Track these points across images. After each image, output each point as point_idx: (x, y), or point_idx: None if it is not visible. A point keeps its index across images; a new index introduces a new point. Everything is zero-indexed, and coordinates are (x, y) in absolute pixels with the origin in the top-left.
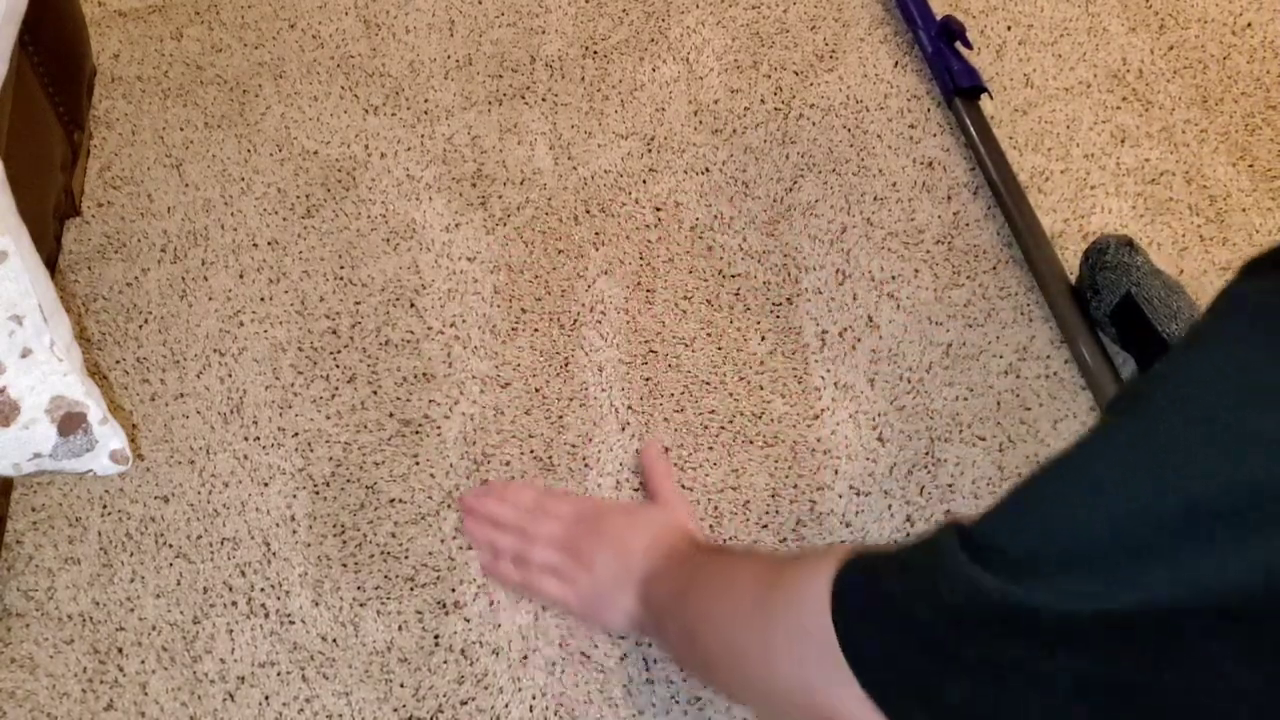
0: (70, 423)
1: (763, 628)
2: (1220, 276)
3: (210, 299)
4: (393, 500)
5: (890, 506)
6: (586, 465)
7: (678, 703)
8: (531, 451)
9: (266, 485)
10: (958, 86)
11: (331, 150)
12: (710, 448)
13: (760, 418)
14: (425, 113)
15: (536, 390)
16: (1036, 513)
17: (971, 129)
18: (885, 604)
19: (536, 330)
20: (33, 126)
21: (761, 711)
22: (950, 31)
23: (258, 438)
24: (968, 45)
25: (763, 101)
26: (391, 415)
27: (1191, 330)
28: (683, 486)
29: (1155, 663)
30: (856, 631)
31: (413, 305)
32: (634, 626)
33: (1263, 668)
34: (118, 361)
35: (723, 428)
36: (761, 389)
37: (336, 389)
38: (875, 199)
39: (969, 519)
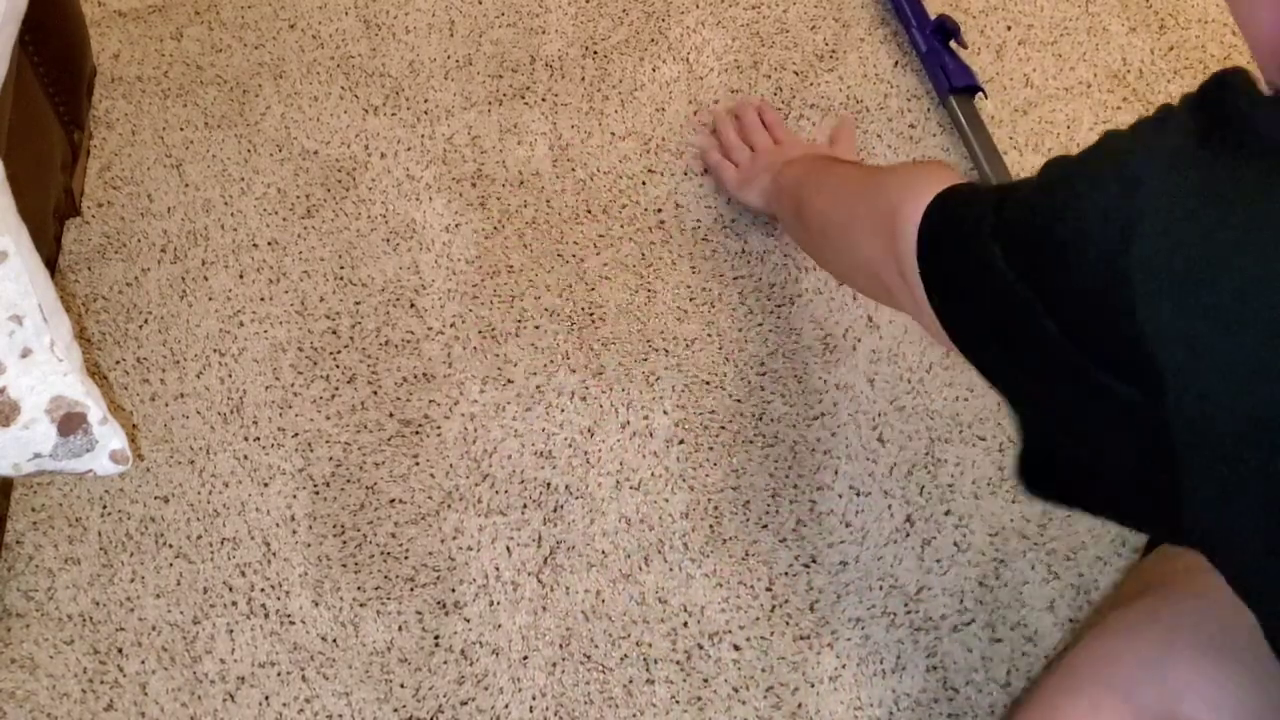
0: (70, 423)
1: (851, 209)
2: None
3: (210, 299)
4: (393, 500)
5: (890, 506)
6: (588, 463)
7: (678, 703)
8: (533, 450)
9: (266, 485)
10: (952, 86)
11: (331, 150)
12: (710, 448)
13: (760, 418)
14: (425, 113)
15: (537, 389)
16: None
17: (967, 128)
18: (948, 240)
19: (536, 330)
20: (33, 126)
21: (841, 276)
22: (945, 30)
23: (258, 438)
24: (962, 44)
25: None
26: (391, 415)
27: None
28: (684, 485)
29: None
30: (928, 253)
31: (413, 305)
32: (763, 201)
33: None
34: (118, 361)
35: (723, 428)
36: (762, 389)
37: (336, 389)
38: None
39: (1020, 193)
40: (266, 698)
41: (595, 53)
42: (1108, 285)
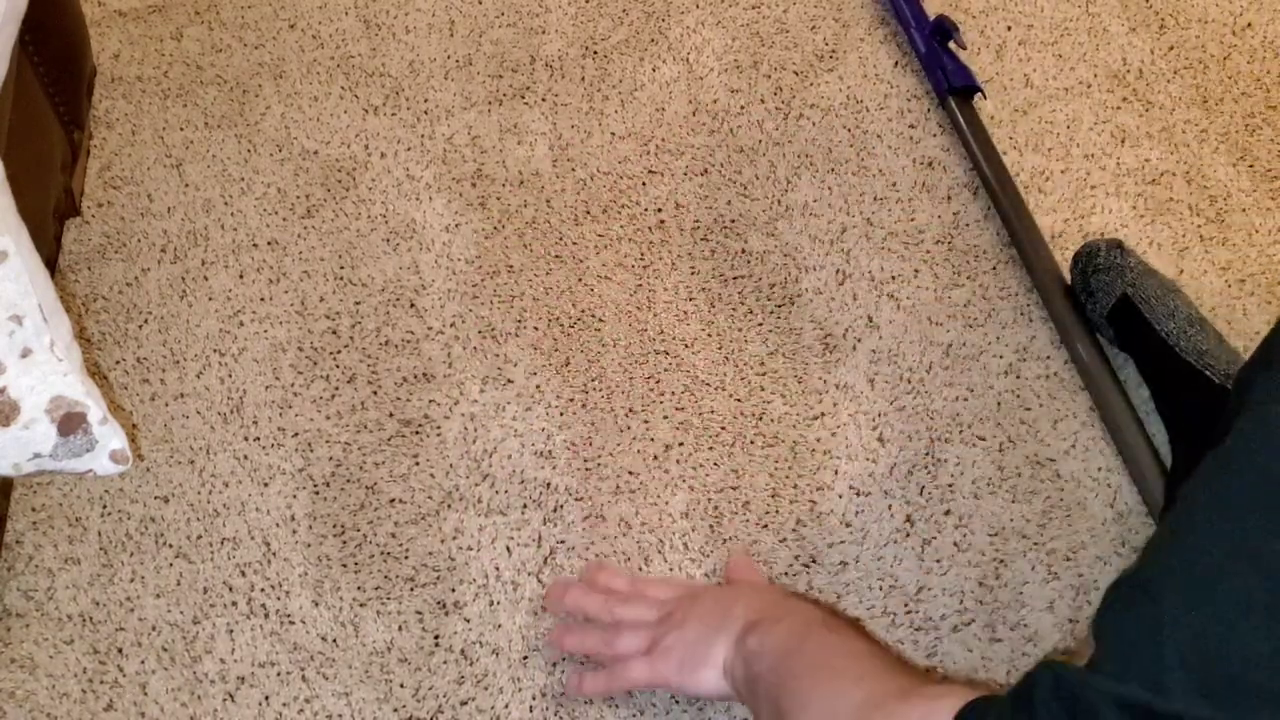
0: (70, 423)
1: None
2: (1220, 276)
3: (210, 299)
4: (393, 500)
5: (890, 506)
6: (586, 466)
7: (677, 703)
8: (534, 450)
9: (266, 485)
10: (951, 86)
11: (331, 150)
12: (710, 448)
13: (761, 418)
14: (425, 113)
15: (537, 389)
16: (1143, 654)
17: (966, 128)
18: None
19: (536, 330)
20: (33, 126)
21: None
22: (944, 31)
23: (258, 438)
24: (961, 45)
25: (762, 101)
26: (391, 415)
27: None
28: (684, 486)
29: None
30: None
31: (413, 305)
32: (728, 680)
33: None
34: (118, 361)
35: (723, 428)
36: (762, 389)
37: (336, 389)
38: (875, 199)
39: (1069, 666)
40: (266, 698)
41: (595, 53)
42: None
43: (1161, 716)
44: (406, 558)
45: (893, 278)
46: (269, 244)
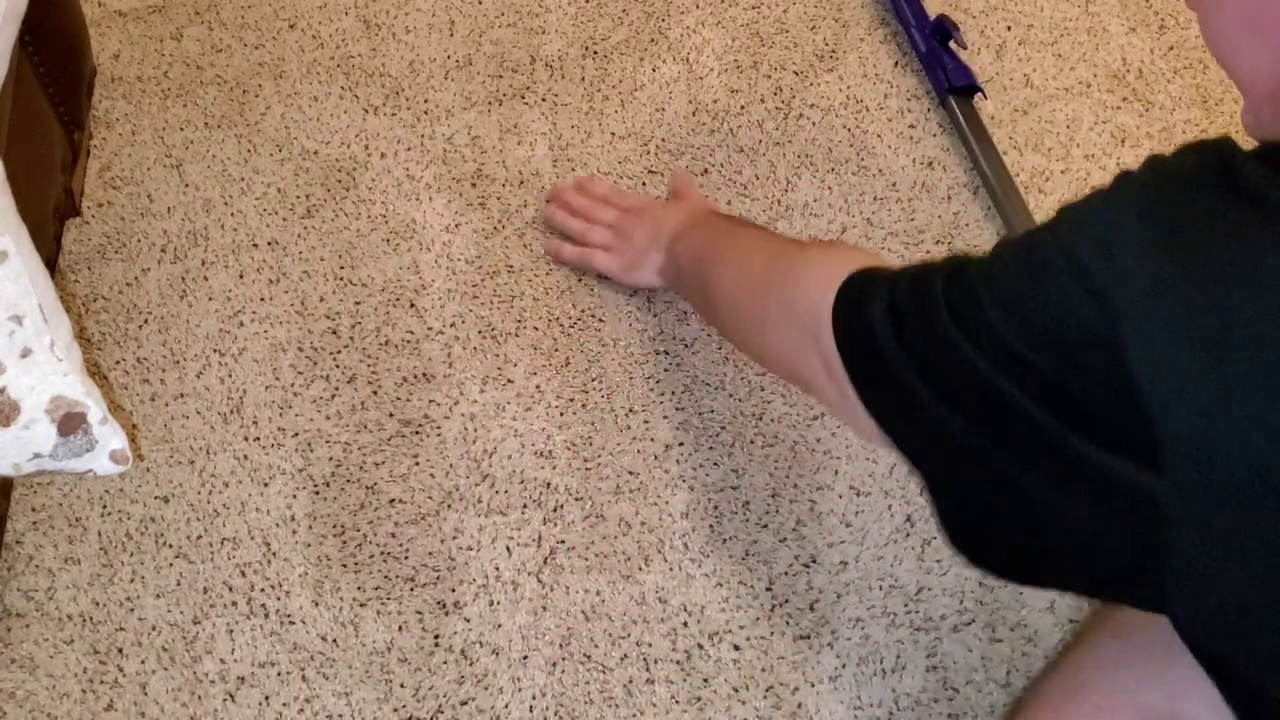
0: (70, 423)
1: (762, 297)
2: None
3: (210, 299)
4: (393, 500)
5: (890, 506)
6: (587, 466)
7: (678, 702)
8: (534, 450)
9: (266, 485)
10: (951, 86)
11: (331, 150)
12: (710, 448)
13: (761, 418)
14: (425, 113)
15: (537, 389)
16: (985, 312)
17: (966, 128)
18: (885, 319)
19: (536, 330)
20: (33, 126)
21: (754, 358)
22: (944, 30)
23: (258, 438)
24: (962, 44)
25: (762, 101)
26: (391, 415)
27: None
28: (684, 485)
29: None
30: (848, 335)
31: (413, 305)
32: (662, 279)
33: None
34: (118, 361)
35: (723, 428)
36: (762, 389)
37: (336, 389)
38: (875, 199)
39: (962, 270)
40: (266, 698)
41: (595, 53)
42: (1099, 351)
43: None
44: (406, 558)
45: None
46: (269, 244)
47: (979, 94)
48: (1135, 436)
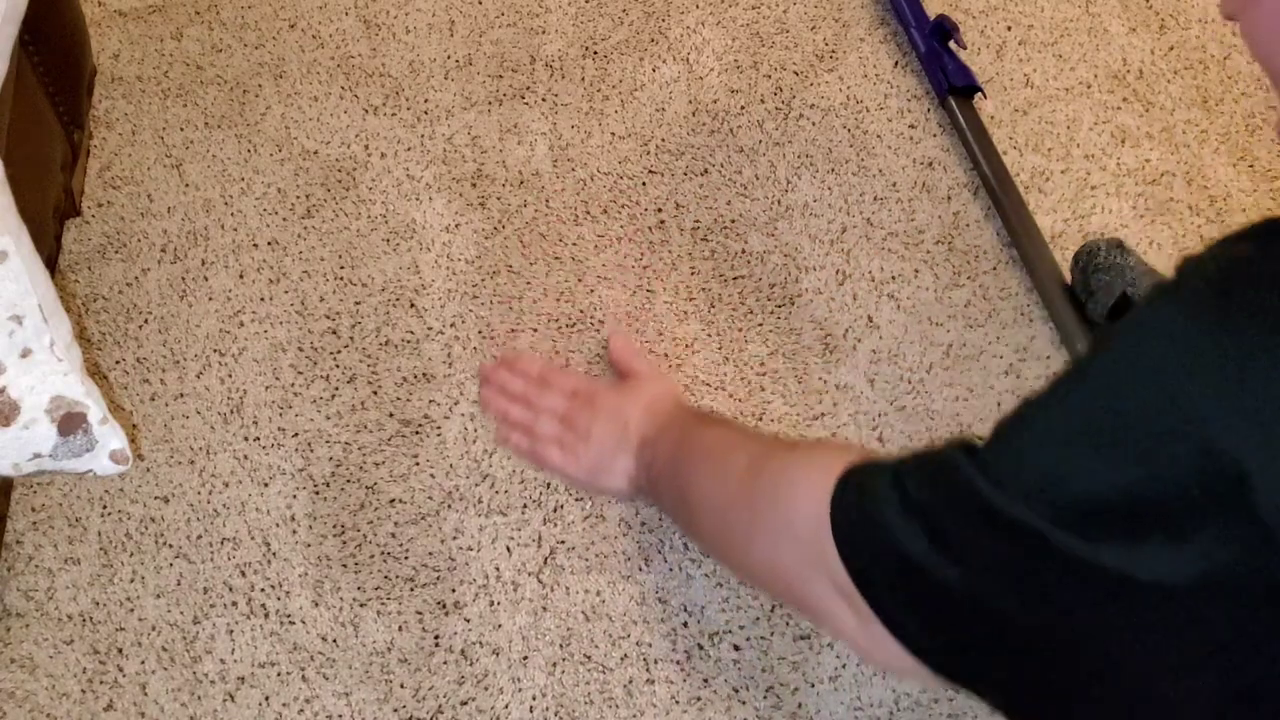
0: (70, 423)
1: (749, 511)
2: None
3: (210, 299)
4: (393, 500)
5: None
6: None
7: (678, 703)
8: None
9: (266, 485)
10: (951, 85)
11: (331, 150)
12: None
13: (761, 418)
14: (425, 113)
15: None
16: (1032, 460)
17: (965, 128)
18: (888, 521)
19: (536, 331)
20: (33, 126)
21: (750, 582)
22: (943, 30)
23: (258, 438)
24: (961, 44)
25: (762, 101)
26: (391, 415)
27: (1150, 293)
28: None
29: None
30: (856, 546)
31: (413, 305)
32: (633, 489)
33: (1175, 641)
34: (118, 361)
35: None
36: (762, 390)
37: (336, 389)
38: (875, 199)
39: (974, 441)
40: (266, 698)
41: (595, 53)
42: (1180, 448)
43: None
44: (406, 558)
45: (893, 278)
46: (269, 244)
47: (979, 94)
48: (1230, 527)
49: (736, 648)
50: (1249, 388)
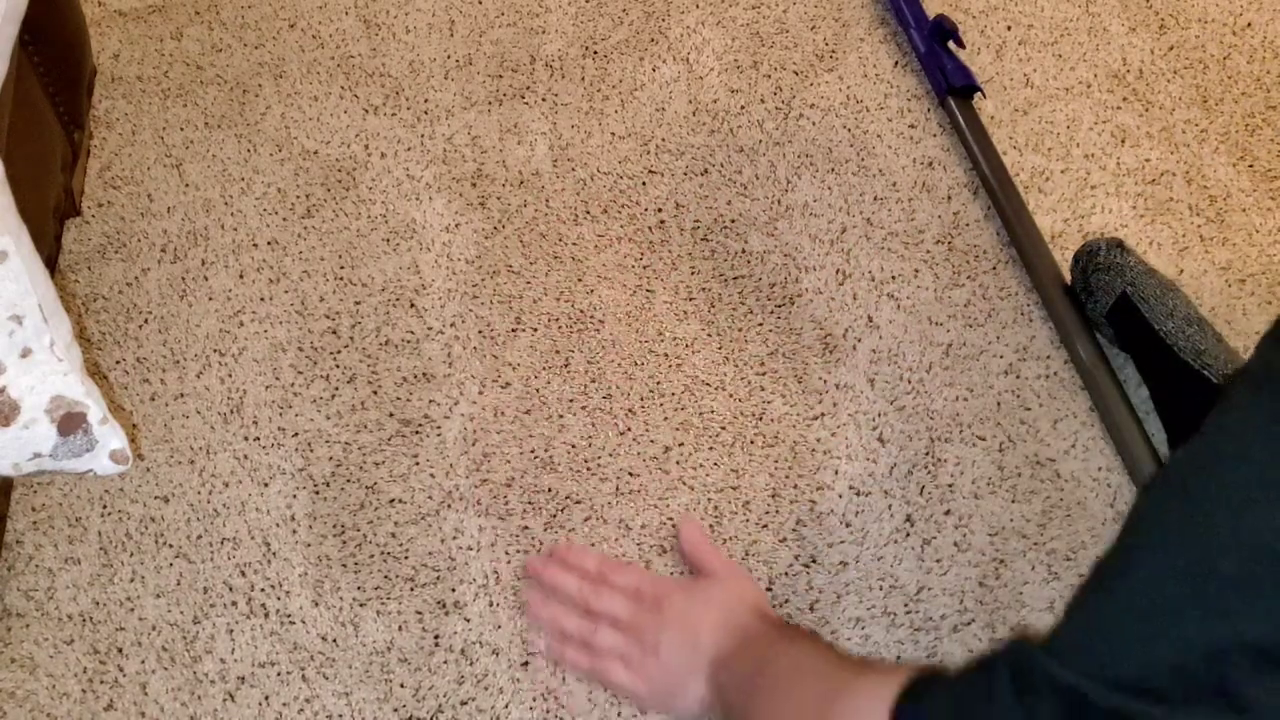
0: (70, 423)
1: None
2: (1220, 276)
3: (210, 299)
4: (393, 500)
5: (890, 506)
6: (587, 467)
7: None
8: (532, 452)
9: (266, 485)
10: (951, 85)
11: (331, 150)
12: (710, 448)
13: (761, 418)
14: (425, 113)
15: (536, 391)
16: (1094, 646)
17: (965, 128)
18: None
19: (536, 331)
20: (33, 126)
21: None
22: (943, 30)
23: (258, 438)
24: (960, 44)
25: (762, 101)
26: (391, 415)
27: (1223, 404)
28: (684, 486)
29: None
30: None
31: (413, 305)
32: (705, 712)
33: None
34: (118, 361)
35: (723, 428)
36: (762, 389)
37: (336, 389)
38: (875, 199)
39: (1025, 642)
40: (266, 698)
41: (595, 53)
42: None
43: (1097, 708)
44: (406, 558)
45: (893, 278)
46: (269, 244)
47: (979, 94)
48: None
49: None
50: None
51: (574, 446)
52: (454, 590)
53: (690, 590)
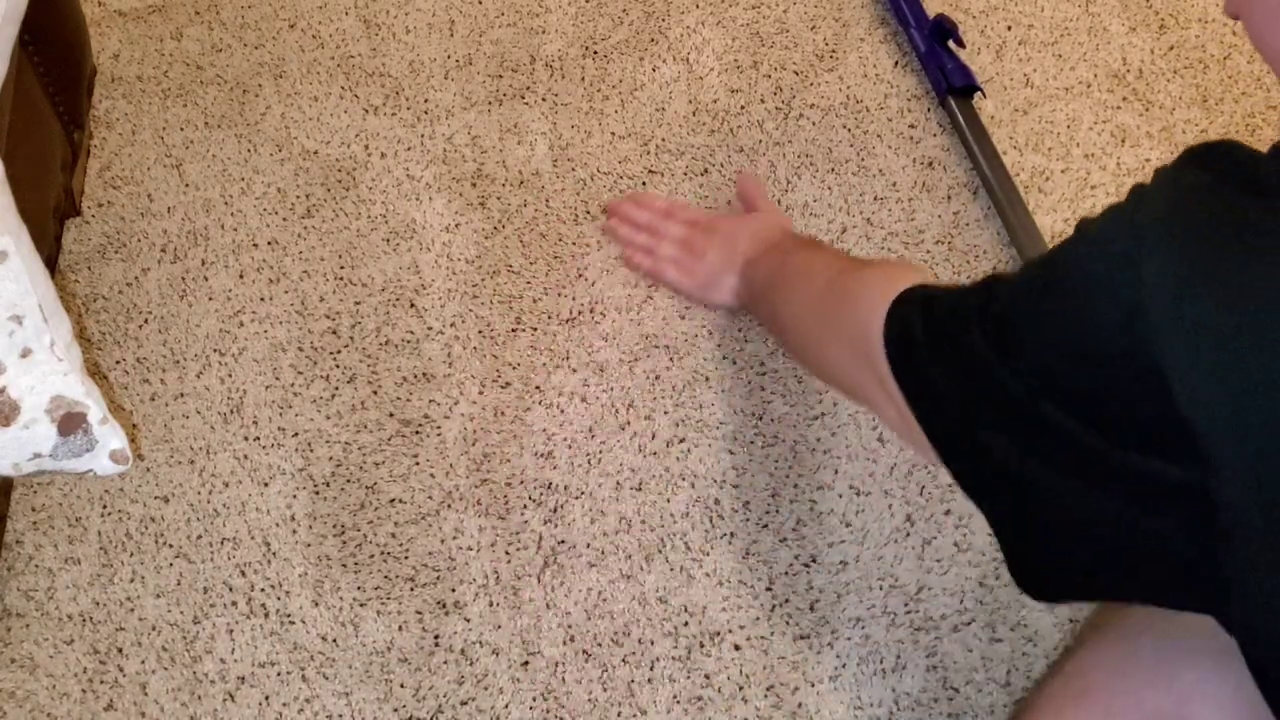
0: (70, 423)
1: (823, 319)
2: None
3: (210, 299)
4: (393, 500)
5: (890, 506)
6: (589, 463)
7: (679, 702)
8: (533, 450)
9: (266, 485)
10: (951, 85)
11: (331, 150)
12: (710, 446)
13: (761, 418)
14: (425, 113)
15: (537, 389)
16: (1017, 329)
17: (965, 128)
18: (925, 340)
19: (536, 330)
20: (33, 126)
21: (819, 378)
22: (943, 30)
23: (258, 438)
24: (960, 44)
25: (762, 101)
26: (391, 415)
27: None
28: (683, 481)
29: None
30: (895, 352)
31: (413, 305)
32: (737, 301)
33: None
34: (118, 361)
35: (723, 426)
36: (762, 389)
37: (336, 389)
38: (875, 199)
39: (996, 289)
40: (266, 698)
41: (595, 53)
42: (1127, 361)
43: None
44: (406, 558)
45: None
46: (269, 244)
47: (979, 94)
48: (1176, 439)
49: (737, 647)
50: (1187, 305)
51: (574, 444)
52: (454, 590)
53: (737, 217)
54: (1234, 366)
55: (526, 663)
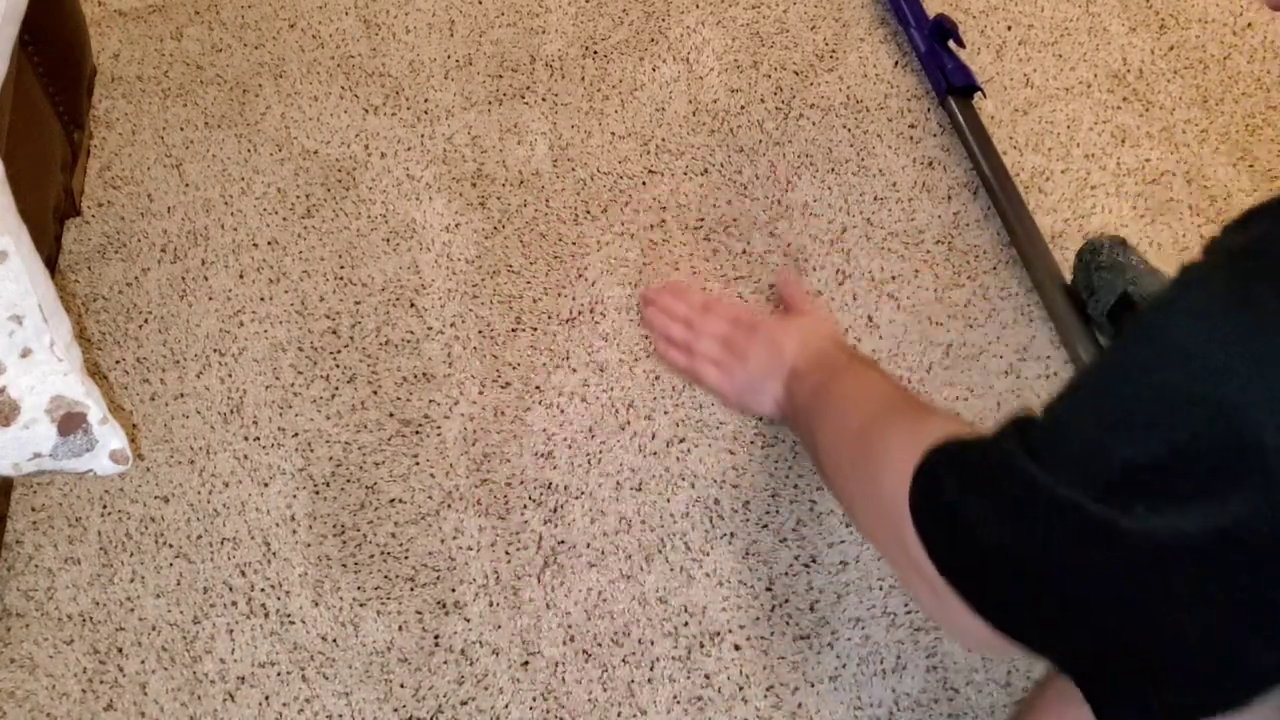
0: (70, 423)
1: (853, 478)
2: None
3: (210, 299)
4: (393, 500)
5: None
6: (589, 463)
7: (679, 702)
8: (533, 450)
9: (266, 485)
10: (951, 85)
11: (331, 150)
12: (710, 446)
13: (761, 418)
14: (425, 113)
15: (537, 389)
16: (1074, 439)
17: (965, 128)
18: (956, 498)
19: (536, 330)
20: (33, 126)
21: (854, 519)
22: (943, 30)
23: (258, 438)
24: (960, 44)
25: (763, 101)
26: (391, 415)
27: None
28: (683, 481)
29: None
30: (927, 521)
31: (413, 305)
32: (778, 413)
33: (1201, 599)
34: (118, 361)
35: (723, 426)
36: None
37: (336, 389)
38: (875, 199)
39: (1031, 420)
40: (266, 698)
41: (595, 53)
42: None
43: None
44: (406, 558)
45: (893, 278)
46: (269, 244)
47: (979, 94)
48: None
49: (737, 647)
50: (1266, 359)
51: (574, 444)
52: (454, 590)
53: (782, 319)
54: None
55: (526, 663)
